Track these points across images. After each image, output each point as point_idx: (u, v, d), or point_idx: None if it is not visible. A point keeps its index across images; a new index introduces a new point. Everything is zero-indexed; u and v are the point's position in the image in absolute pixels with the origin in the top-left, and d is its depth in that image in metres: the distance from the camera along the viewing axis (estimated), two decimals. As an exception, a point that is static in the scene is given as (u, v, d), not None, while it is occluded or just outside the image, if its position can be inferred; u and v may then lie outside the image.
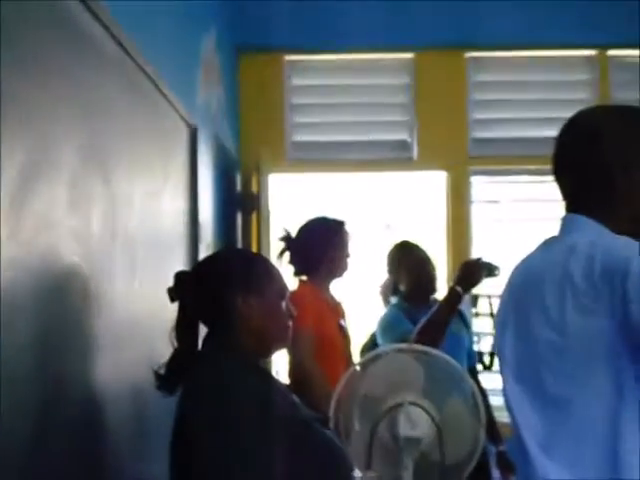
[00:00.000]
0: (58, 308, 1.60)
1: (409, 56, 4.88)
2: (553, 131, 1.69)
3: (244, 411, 1.67)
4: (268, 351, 1.93)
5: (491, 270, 3.04)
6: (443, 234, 4.91)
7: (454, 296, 3.03)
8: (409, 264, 3.51)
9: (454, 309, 3.06)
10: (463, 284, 3.03)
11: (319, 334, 2.92)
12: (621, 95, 4.57)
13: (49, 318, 1.54)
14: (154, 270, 2.33)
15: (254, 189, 4.46)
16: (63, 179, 1.61)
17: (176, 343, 1.84)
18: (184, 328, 1.85)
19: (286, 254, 3.14)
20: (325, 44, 4.76)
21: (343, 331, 3.13)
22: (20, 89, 1.40)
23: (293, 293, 2.05)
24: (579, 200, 1.59)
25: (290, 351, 2.87)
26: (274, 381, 1.88)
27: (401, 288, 3.53)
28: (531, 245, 1.68)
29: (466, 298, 3.18)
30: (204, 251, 3.14)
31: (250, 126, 4.81)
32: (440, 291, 3.49)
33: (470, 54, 4.87)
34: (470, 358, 3.46)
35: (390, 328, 3.39)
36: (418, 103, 4.87)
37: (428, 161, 4.88)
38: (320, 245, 3.07)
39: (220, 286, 1.83)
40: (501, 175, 4.94)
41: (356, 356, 3.35)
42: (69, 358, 1.65)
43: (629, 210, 1.56)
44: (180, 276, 1.88)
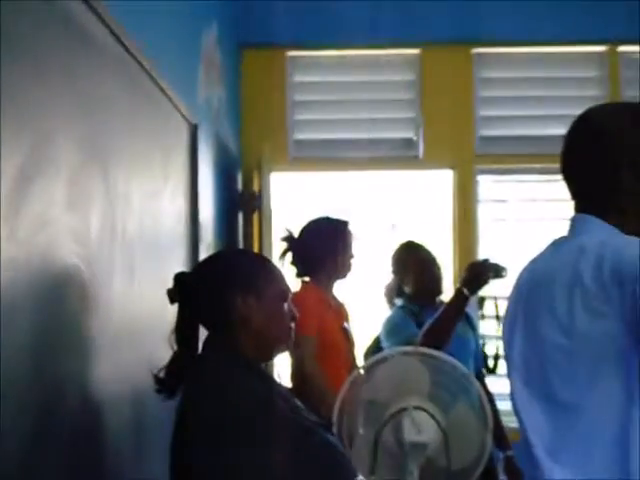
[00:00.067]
0: (56, 309, 1.61)
1: (414, 52, 4.88)
2: (562, 129, 1.69)
3: (245, 415, 1.67)
4: (270, 354, 1.93)
5: (498, 271, 3.04)
6: (449, 234, 4.91)
7: (460, 298, 3.02)
8: (414, 265, 3.51)
9: (460, 311, 3.06)
10: (470, 285, 3.03)
11: (322, 337, 2.92)
12: (631, 92, 4.56)
13: (47, 320, 1.54)
14: (153, 271, 2.33)
15: (256, 188, 4.46)
16: (62, 178, 1.61)
17: (176, 346, 1.84)
18: (184, 330, 1.85)
19: (288, 255, 3.14)
20: (328, 40, 4.76)
21: (346, 334, 3.13)
22: (18, 86, 1.40)
23: (295, 295, 2.05)
24: (588, 200, 1.59)
25: (292, 354, 2.87)
26: (276, 385, 1.88)
27: (406, 289, 3.53)
28: (539, 246, 1.68)
29: (472, 300, 3.17)
30: (204, 251, 3.14)
31: (252, 124, 4.81)
32: (446, 293, 3.49)
33: (477, 50, 4.87)
34: (477, 361, 3.46)
35: (395, 331, 3.39)
36: (424, 100, 4.87)
37: (434, 159, 4.88)
38: (323, 246, 3.07)
39: (221, 288, 1.83)
40: (509, 174, 4.93)
41: (360, 359, 3.35)
42: (67, 360, 1.66)
43: (638, 210, 1.56)
44: (180, 277, 1.88)
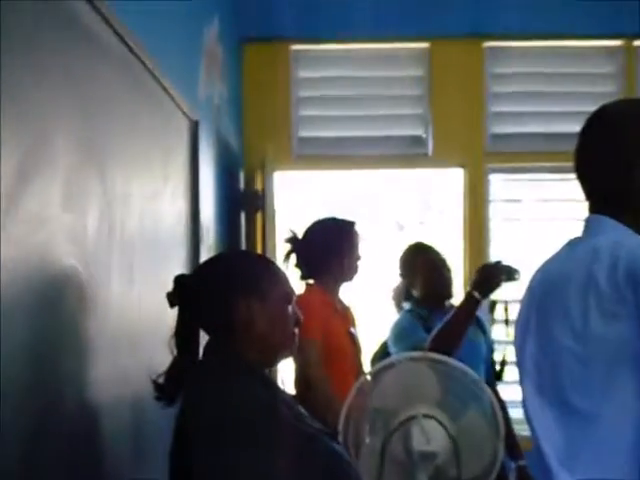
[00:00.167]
0: (52, 312, 1.61)
1: (424, 46, 4.88)
2: (576, 126, 1.69)
3: (247, 423, 1.67)
4: (273, 359, 1.93)
5: (511, 274, 3.04)
6: (459, 235, 4.90)
7: (471, 301, 3.02)
8: (423, 267, 3.51)
9: (471, 315, 3.06)
10: (481, 289, 3.03)
11: (327, 342, 2.92)
12: (648, 88, 4.57)
13: (42, 323, 1.54)
14: (153, 273, 2.33)
15: (258, 187, 4.47)
16: (58, 177, 1.61)
17: (176, 351, 1.84)
18: (184, 335, 1.85)
19: (292, 256, 3.14)
20: (334, 33, 4.76)
21: (353, 339, 3.13)
22: (15, 83, 1.40)
23: (300, 298, 2.05)
24: (602, 200, 1.59)
25: (296, 360, 2.87)
26: (279, 391, 1.88)
27: (415, 293, 3.53)
28: (553, 247, 1.68)
29: (483, 304, 3.17)
30: (205, 253, 3.15)
31: (254, 121, 4.81)
32: (456, 296, 3.49)
33: (488, 44, 4.86)
34: (488, 367, 3.45)
35: (403, 335, 3.38)
36: (433, 96, 4.87)
37: (443, 157, 4.88)
38: (329, 247, 3.07)
39: (222, 291, 1.83)
40: (521, 172, 4.92)
41: (367, 365, 3.35)
42: (63, 365, 1.66)
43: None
44: (180, 280, 1.88)
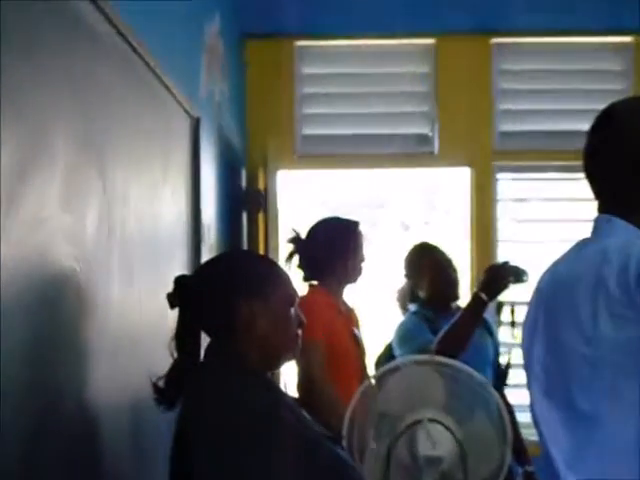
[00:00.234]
0: (50, 314, 1.61)
1: (430, 42, 4.88)
2: (585, 124, 1.69)
3: (249, 427, 1.67)
4: (275, 362, 1.93)
5: (518, 275, 3.04)
6: (466, 235, 4.91)
7: (478, 303, 3.02)
8: (429, 268, 3.51)
9: (478, 317, 3.06)
10: (488, 290, 3.03)
11: (331, 344, 2.92)
12: (659, 85, 4.57)
13: (40, 325, 1.55)
14: (153, 273, 2.34)
15: (261, 186, 4.47)
16: (55, 175, 1.61)
17: (176, 353, 1.84)
18: (185, 337, 1.85)
19: (295, 257, 3.14)
20: (339, 29, 4.76)
21: (357, 341, 3.13)
22: (13, 79, 1.41)
23: (303, 299, 2.05)
24: (611, 200, 1.59)
25: (299, 362, 2.87)
26: (281, 395, 1.88)
27: (420, 294, 3.53)
28: (562, 248, 1.68)
29: (491, 305, 3.17)
30: (207, 253, 3.15)
31: (257, 118, 4.82)
32: (463, 297, 3.49)
33: (496, 40, 4.86)
34: (495, 370, 3.45)
35: (408, 338, 3.39)
36: (439, 93, 4.87)
37: (450, 156, 4.88)
38: (332, 247, 3.07)
39: (224, 291, 1.84)
40: (529, 171, 4.92)
41: (371, 368, 3.35)
42: (62, 368, 1.66)
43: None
44: (181, 280, 1.88)
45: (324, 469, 1.72)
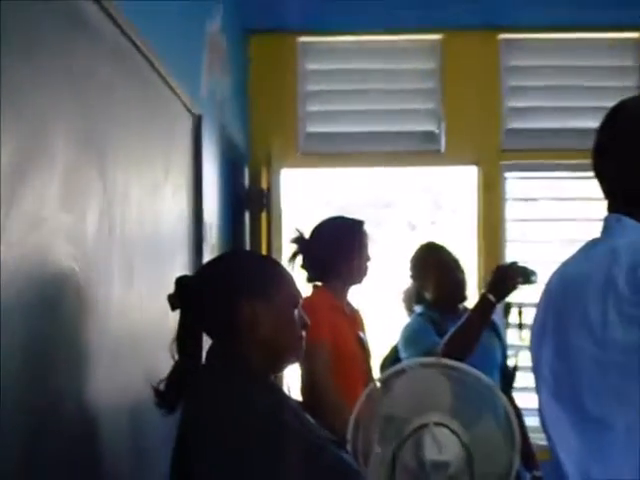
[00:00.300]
0: (49, 315, 1.62)
1: (437, 38, 4.88)
2: (595, 121, 1.69)
3: (251, 431, 1.67)
4: (279, 365, 1.93)
5: (527, 276, 3.04)
6: (473, 235, 4.91)
7: (486, 305, 3.02)
8: (435, 268, 3.51)
9: (486, 319, 3.06)
10: (496, 291, 3.03)
11: (335, 346, 2.92)
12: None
13: (39, 327, 1.55)
14: (154, 274, 2.34)
15: (264, 185, 4.48)
16: (55, 174, 1.62)
17: (177, 356, 1.84)
18: (186, 339, 1.85)
19: (299, 257, 3.15)
20: (343, 24, 4.76)
21: (362, 343, 3.13)
22: (12, 79, 1.41)
23: (306, 300, 2.05)
24: (621, 199, 1.59)
25: (303, 365, 2.88)
26: (285, 398, 1.89)
27: (426, 295, 3.53)
28: (571, 248, 1.68)
29: (498, 307, 3.17)
30: (208, 253, 3.15)
31: (260, 115, 4.82)
32: (470, 299, 3.49)
33: (504, 36, 4.86)
34: (503, 373, 3.45)
35: (414, 340, 3.39)
36: (446, 90, 4.87)
37: (457, 154, 4.88)
38: (336, 248, 3.07)
39: (226, 292, 1.84)
40: (538, 170, 4.92)
41: (376, 371, 3.35)
42: (60, 371, 1.67)
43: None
44: (182, 281, 1.88)
45: (328, 473, 1.72)
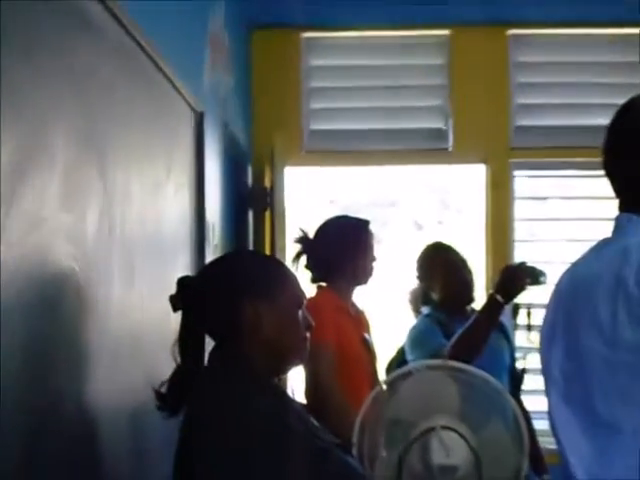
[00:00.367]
0: (49, 316, 1.62)
1: (444, 33, 4.88)
2: (605, 119, 1.69)
3: (254, 432, 1.67)
4: (282, 367, 1.93)
5: (536, 276, 3.04)
6: (481, 235, 4.90)
7: (494, 305, 3.02)
8: (442, 268, 3.51)
9: (494, 320, 3.06)
10: (504, 292, 3.02)
11: (340, 348, 2.92)
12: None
13: (39, 328, 1.55)
14: (155, 274, 2.34)
15: (267, 183, 4.48)
16: (56, 174, 1.62)
17: (179, 358, 1.84)
18: (188, 341, 1.85)
19: (303, 257, 3.15)
20: (348, 20, 4.76)
21: (367, 345, 3.13)
22: (12, 79, 1.41)
23: (311, 301, 2.06)
24: (631, 198, 1.59)
25: (307, 367, 2.88)
26: (289, 401, 1.89)
27: (433, 296, 3.53)
28: (581, 248, 1.68)
29: (507, 308, 3.17)
30: (211, 253, 3.16)
31: (263, 112, 4.82)
32: (478, 300, 3.49)
33: (513, 31, 4.86)
34: (511, 376, 3.45)
35: (421, 342, 3.39)
36: (454, 86, 4.87)
37: (465, 152, 4.88)
38: (341, 247, 3.07)
39: (228, 293, 1.84)
40: (547, 169, 4.92)
41: (382, 373, 3.36)
42: (60, 371, 1.67)
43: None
44: (184, 282, 1.88)
45: (333, 478, 1.73)
